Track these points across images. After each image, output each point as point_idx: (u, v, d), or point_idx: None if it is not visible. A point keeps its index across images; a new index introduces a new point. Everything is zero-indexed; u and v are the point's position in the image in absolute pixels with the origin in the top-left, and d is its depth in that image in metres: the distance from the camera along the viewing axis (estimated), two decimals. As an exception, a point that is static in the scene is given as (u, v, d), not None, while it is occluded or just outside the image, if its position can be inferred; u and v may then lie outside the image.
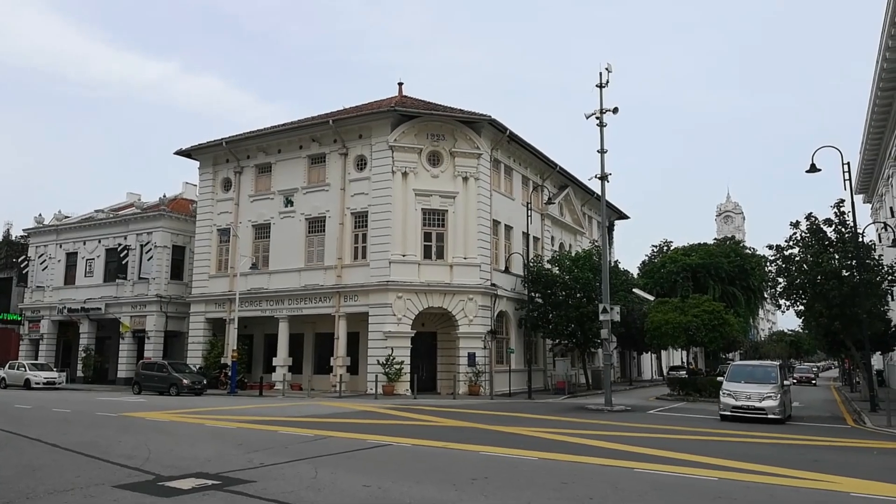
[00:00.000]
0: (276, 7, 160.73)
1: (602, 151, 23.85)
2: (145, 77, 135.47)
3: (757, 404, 18.70)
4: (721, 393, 19.76)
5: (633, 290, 47.73)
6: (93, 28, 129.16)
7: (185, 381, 28.72)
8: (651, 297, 62.84)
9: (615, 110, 23.30)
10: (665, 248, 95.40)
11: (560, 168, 40.09)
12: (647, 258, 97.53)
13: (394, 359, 28.98)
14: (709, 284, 56.37)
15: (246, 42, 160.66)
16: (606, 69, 23.53)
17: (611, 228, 52.30)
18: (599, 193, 46.91)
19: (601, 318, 23.14)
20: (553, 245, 41.07)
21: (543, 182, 40.02)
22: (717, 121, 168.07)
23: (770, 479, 9.12)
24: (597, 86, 23.60)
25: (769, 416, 18.46)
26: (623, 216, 53.56)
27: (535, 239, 38.34)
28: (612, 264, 50.17)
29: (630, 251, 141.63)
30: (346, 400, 26.22)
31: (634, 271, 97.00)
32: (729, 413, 18.95)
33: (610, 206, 50.76)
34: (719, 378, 22.95)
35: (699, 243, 71.99)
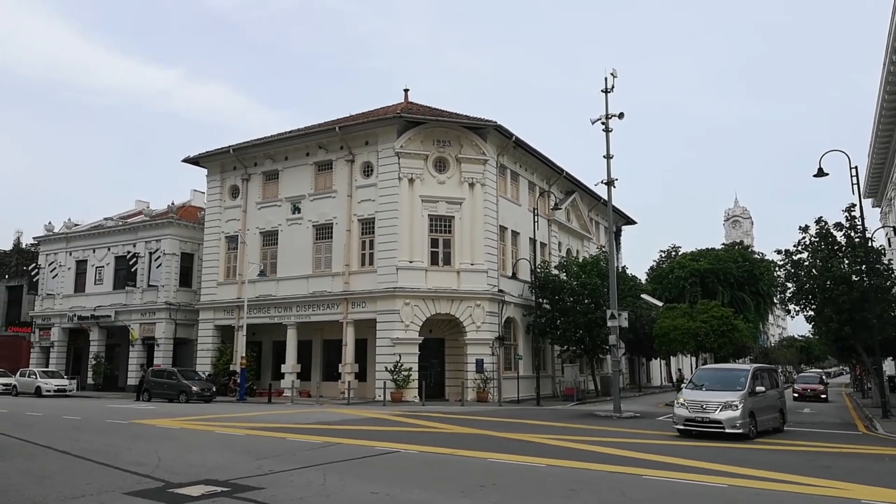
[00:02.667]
0: (280, 14, 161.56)
1: (608, 157, 23.85)
2: (150, 84, 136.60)
3: (712, 416, 15.51)
4: (675, 402, 16.84)
5: (641, 295, 47.56)
6: (97, 35, 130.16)
7: (194, 389, 28.80)
8: (660, 303, 62.61)
9: (621, 115, 23.31)
10: (674, 253, 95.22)
11: (566, 173, 40.08)
12: (655, 263, 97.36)
13: (401, 365, 29.01)
14: (717, 290, 56.18)
15: (250, 49, 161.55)
16: (612, 74, 23.58)
17: (618, 234, 52.23)
18: (606, 199, 47.08)
19: (609, 323, 23.11)
20: (560, 251, 41.00)
21: (550, 187, 40.00)
22: (722, 126, 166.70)
23: (780, 486, 9.09)
24: (602, 91, 23.65)
25: (727, 431, 15.28)
26: (630, 221, 53.38)
27: (542, 245, 38.30)
28: (620, 270, 50.18)
29: (637, 256, 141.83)
30: (354, 407, 26.24)
31: (643, 277, 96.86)
32: (682, 427, 16.12)
33: (617, 211, 50.66)
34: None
35: (707, 248, 71.85)
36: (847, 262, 23.05)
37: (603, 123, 23.45)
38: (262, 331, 35.48)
